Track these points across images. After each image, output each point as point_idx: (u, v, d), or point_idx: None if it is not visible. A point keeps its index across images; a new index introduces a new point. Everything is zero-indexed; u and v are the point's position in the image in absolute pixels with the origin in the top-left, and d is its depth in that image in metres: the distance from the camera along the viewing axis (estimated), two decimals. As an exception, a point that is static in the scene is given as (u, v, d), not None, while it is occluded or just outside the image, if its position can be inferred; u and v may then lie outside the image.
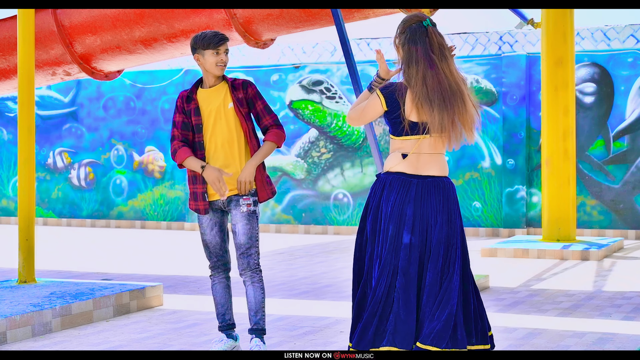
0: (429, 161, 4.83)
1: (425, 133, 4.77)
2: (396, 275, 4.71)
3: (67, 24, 9.58)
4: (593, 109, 13.92)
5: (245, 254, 5.82)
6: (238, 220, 5.82)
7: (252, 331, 5.86)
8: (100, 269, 10.65)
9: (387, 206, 4.78)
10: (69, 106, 17.23)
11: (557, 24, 11.97)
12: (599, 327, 6.89)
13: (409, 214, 4.74)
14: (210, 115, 5.86)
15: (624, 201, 13.73)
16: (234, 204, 5.84)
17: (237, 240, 5.83)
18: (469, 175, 14.47)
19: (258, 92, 5.96)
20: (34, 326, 6.67)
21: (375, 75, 4.98)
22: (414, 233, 4.72)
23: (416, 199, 4.77)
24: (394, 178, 4.81)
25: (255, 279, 5.84)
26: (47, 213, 17.35)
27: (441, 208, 4.79)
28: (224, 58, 5.88)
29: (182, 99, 5.96)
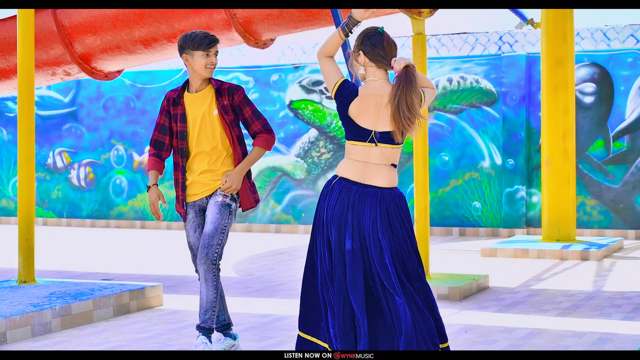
0: (376, 171, 4.85)
1: (375, 142, 4.83)
2: (345, 279, 4.74)
3: (67, 24, 9.58)
4: (593, 109, 13.92)
5: (206, 244, 5.69)
6: (210, 209, 5.75)
7: (200, 329, 5.77)
8: (100, 269, 10.65)
9: (326, 210, 4.85)
10: (69, 106, 17.23)
11: (557, 24, 11.97)
12: (598, 327, 6.90)
13: (348, 220, 4.78)
14: (195, 122, 5.78)
15: (624, 201, 13.73)
16: (211, 197, 5.82)
17: (205, 229, 5.75)
18: (468, 175, 14.47)
19: (246, 97, 5.86)
20: (34, 326, 6.67)
21: (348, 17, 4.96)
22: (354, 239, 4.75)
23: (353, 206, 4.80)
24: (337, 183, 4.88)
25: (208, 275, 5.69)
26: (47, 213, 17.35)
27: (379, 219, 4.79)
28: (214, 60, 5.80)
29: (169, 100, 5.88)
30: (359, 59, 4.95)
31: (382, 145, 4.83)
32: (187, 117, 5.80)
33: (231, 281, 9.61)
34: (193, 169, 5.85)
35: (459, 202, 14.45)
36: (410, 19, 8.99)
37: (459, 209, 14.42)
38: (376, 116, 4.81)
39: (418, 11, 8.73)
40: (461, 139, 14.50)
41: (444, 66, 14.58)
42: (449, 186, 14.51)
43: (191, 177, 5.87)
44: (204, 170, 5.80)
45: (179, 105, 5.82)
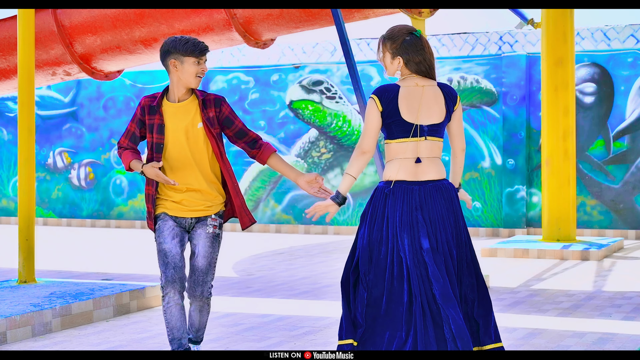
0: (426, 165, 4.79)
1: (423, 135, 4.76)
2: (427, 282, 4.66)
3: (67, 24, 9.58)
4: (593, 109, 13.92)
5: (201, 281, 5.31)
6: (200, 240, 5.30)
7: (190, 341, 5.53)
8: (101, 269, 10.65)
9: (394, 215, 4.72)
10: (69, 106, 17.23)
11: (557, 24, 11.97)
12: (599, 327, 6.89)
13: (420, 220, 4.71)
14: (175, 135, 5.25)
15: (624, 201, 13.73)
16: (200, 223, 5.32)
17: (195, 263, 5.30)
18: (469, 175, 14.47)
19: (232, 109, 5.38)
20: (34, 326, 6.67)
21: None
22: (430, 238, 4.70)
23: (422, 204, 4.74)
24: (396, 187, 4.76)
25: (204, 308, 5.41)
26: (47, 213, 17.35)
27: (445, 211, 4.77)
28: (205, 68, 5.27)
29: (144, 108, 5.33)
30: (395, 62, 4.83)
31: (430, 138, 4.78)
32: (165, 129, 5.26)
33: (231, 281, 9.61)
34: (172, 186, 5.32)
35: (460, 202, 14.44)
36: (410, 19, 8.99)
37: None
38: (419, 105, 4.76)
39: (418, 11, 8.73)
40: (461, 139, 14.48)
41: (445, 66, 14.58)
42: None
43: (175, 194, 5.33)
44: (189, 189, 5.30)
45: (157, 114, 5.27)
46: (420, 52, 4.79)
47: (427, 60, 4.81)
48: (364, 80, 14.80)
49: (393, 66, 4.84)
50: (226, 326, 7.06)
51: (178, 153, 5.27)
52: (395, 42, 4.81)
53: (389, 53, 4.84)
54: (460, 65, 14.55)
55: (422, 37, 4.83)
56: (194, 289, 5.32)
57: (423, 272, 4.64)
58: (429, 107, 4.75)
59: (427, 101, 4.75)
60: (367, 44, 15.13)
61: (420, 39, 4.81)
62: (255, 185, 15.72)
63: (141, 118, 5.33)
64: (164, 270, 5.27)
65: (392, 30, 4.86)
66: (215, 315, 7.49)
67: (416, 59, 4.79)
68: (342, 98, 15.21)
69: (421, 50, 4.79)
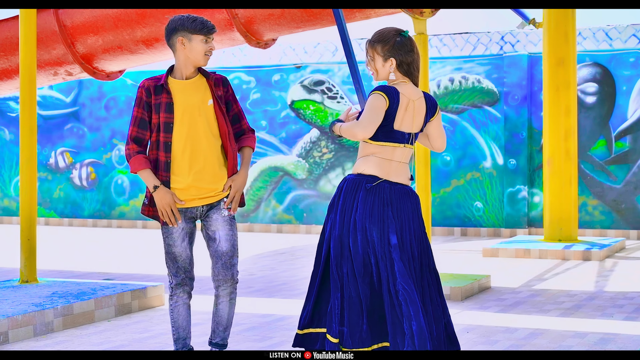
0: (399, 169, 4.85)
1: (404, 143, 4.82)
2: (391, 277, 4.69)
3: (68, 24, 9.59)
4: (595, 109, 13.91)
5: (228, 264, 5.23)
6: (220, 225, 5.21)
7: (217, 345, 5.41)
8: (102, 269, 10.66)
9: (364, 207, 4.76)
10: (71, 106, 17.24)
11: (558, 24, 11.96)
12: (600, 327, 6.89)
13: (390, 215, 4.75)
14: (185, 113, 5.12)
15: (626, 201, 13.72)
16: (214, 209, 5.22)
17: (219, 248, 5.22)
18: (470, 175, 14.46)
19: (234, 94, 5.33)
20: (36, 326, 6.67)
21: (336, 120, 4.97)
22: (397, 235, 4.73)
23: (392, 201, 4.78)
24: (368, 180, 4.80)
25: (233, 294, 5.32)
26: (49, 213, 17.35)
27: (411, 215, 4.81)
28: (213, 47, 5.17)
29: (148, 89, 5.14)
30: (387, 65, 4.85)
31: (408, 146, 4.87)
32: (174, 106, 5.11)
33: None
34: (183, 168, 5.13)
35: (461, 202, 14.45)
36: (411, 19, 9.00)
37: (460, 209, 14.42)
38: (412, 119, 4.81)
39: (420, 11, 8.73)
40: (463, 139, 14.50)
41: (446, 66, 14.58)
42: (451, 186, 14.51)
43: (183, 180, 5.15)
44: (199, 170, 5.14)
45: (163, 92, 5.12)
46: (410, 53, 4.82)
47: (417, 62, 4.84)
48: (365, 80, 14.80)
49: (385, 69, 4.85)
50: (228, 326, 7.06)
51: (187, 131, 5.12)
52: (387, 44, 4.82)
53: (379, 56, 4.85)
54: (462, 65, 14.55)
55: (411, 38, 4.86)
56: (223, 273, 5.24)
57: (389, 267, 4.68)
58: (415, 119, 4.82)
59: (416, 113, 4.82)
60: (368, 44, 15.11)
61: (410, 40, 4.83)
62: (257, 185, 15.72)
63: (146, 100, 5.15)
64: (175, 273, 5.26)
65: (381, 32, 4.86)
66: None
67: (408, 60, 4.82)
68: (344, 98, 15.21)
69: (411, 51, 4.83)
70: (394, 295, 4.65)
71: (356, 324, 4.71)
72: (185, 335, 5.35)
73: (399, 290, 4.64)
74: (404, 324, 4.63)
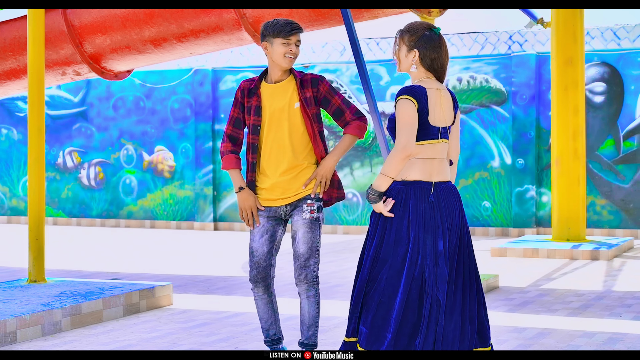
0: (441, 166, 4.78)
1: (441, 137, 4.75)
2: (435, 285, 4.65)
3: (77, 24, 9.60)
4: (603, 109, 13.89)
5: (303, 265, 5.39)
6: (299, 226, 5.37)
7: (303, 345, 5.53)
8: (110, 269, 10.67)
9: (417, 216, 4.66)
10: (79, 106, 17.27)
11: (567, 24, 11.95)
12: (609, 327, 6.88)
13: (438, 220, 4.69)
14: (273, 115, 5.34)
15: (634, 201, 13.69)
16: (297, 209, 5.40)
17: (296, 249, 5.40)
18: (478, 175, 14.45)
19: (332, 87, 5.43)
20: (44, 325, 6.68)
21: None
22: (444, 239, 4.68)
23: (439, 205, 4.72)
24: (416, 188, 4.70)
25: (310, 292, 5.44)
26: (57, 213, 17.39)
27: (457, 213, 4.76)
28: (294, 49, 5.30)
29: (243, 91, 5.43)
30: (410, 56, 4.79)
31: (444, 140, 4.78)
32: (262, 110, 5.36)
33: (240, 281, 9.62)
34: (269, 168, 5.39)
35: (469, 201, 14.43)
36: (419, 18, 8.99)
37: (468, 208, 14.40)
38: (443, 111, 4.77)
39: (428, 11, 8.72)
40: (471, 139, 14.49)
41: (454, 65, 14.56)
42: (459, 186, 14.49)
43: (268, 179, 5.40)
44: (285, 171, 5.37)
45: (255, 96, 5.38)
46: (436, 49, 4.77)
47: (441, 59, 4.79)
48: (373, 80, 14.79)
49: (408, 60, 4.81)
50: (235, 325, 7.07)
51: (275, 134, 5.34)
52: (414, 35, 4.79)
53: (405, 46, 4.81)
54: (470, 64, 14.53)
55: (441, 36, 4.81)
56: (298, 272, 5.41)
57: (434, 274, 4.63)
58: (446, 111, 4.77)
59: (444, 104, 4.77)
60: (376, 44, 15.12)
61: (439, 37, 4.79)
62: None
63: (242, 101, 5.43)
64: (250, 269, 5.48)
65: (412, 24, 4.85)
66: (224, 315, 7.50)
67: (432, 55, 4.76)
68: (352, 98, 15.21)
69: (438, 47, 4.77)
70: (436, 303, 4.62)
71: (379, 328, 4.67)
72: (268, 327, 5.59)
73: (440, 299, 4.61)
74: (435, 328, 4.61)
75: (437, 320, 4.62)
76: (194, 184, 16.19)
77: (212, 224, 15.99)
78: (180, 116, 16.40)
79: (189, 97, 16.31)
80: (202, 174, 16.07)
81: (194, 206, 16.19)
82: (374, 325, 4.67)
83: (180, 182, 16.39)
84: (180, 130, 16.42)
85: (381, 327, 4.66)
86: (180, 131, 16.42)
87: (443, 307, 4.61)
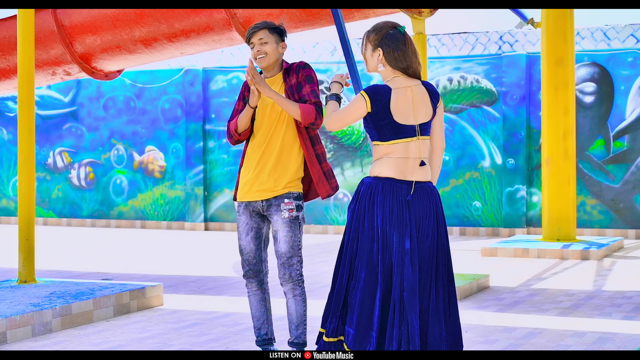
0: (416, 166, 4.75)
1: (419, 135, 4.75)
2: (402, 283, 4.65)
3: (67, 24, 9.58)
4: (593, 109, 13.92)
5: (286, 264, 5.44)
6: (279, 226, 5.43)
7: (293, 345, 5.57)
8: (101, 269, 10.65)
9: (383, 211, 4.70)
10: (69, 106, 17.23)
11: (557, 24, 11.97)
12: (599, 326, 6.89)
13: (406, 218, 4.69)
14: (261, 108, 5.47)
15: (624, 201, 13.73)
16: (274, 209, 5.46)
17: (278, 249, 5.46)
18: (469, 175, 14.47)
19: (309, 76, 5.56)
20: (34, 326, 6.67)
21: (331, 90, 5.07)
22: (412, 238, 4.68)
23: (409, 203, 4.71)
24: (385, 183, 4.72)
25: (296, 291, 5.49)
26: (47, 213, 17.35)
27: (429, 213, 4.75)
28: (260, 48, 5.48)
29: (245, 86, 5.59)
30: (375, 55, 4.82)
31: (421, 137, 4.78)
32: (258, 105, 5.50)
33: (231, 281, 9.61)
34: (251, 161, 5.51)
35: (459, 201, 14.45)
36: (410, 18, 9.00)
37: (459, 208, 14.42)
38: (414, 108, 4.75)
39: (418, 11, 8.73)
40: (461, 139, 14.50)
41: (445, 66, 14.58)
42: (449, 186, 14.51)
43: (248, 173, 5.51)
44: (265, 164, 5.45)
45: (250, 90, 5.53)
46: (401, 47, 4.76)
47: (407, 57, 4.78)
48: (363, 80, 14.80)
49: (373, 59, 4.83)
50: (226, 326, 7.06)
51: (262, 128, 5.48)
52: (378, 34, 4.81)
53: (370, 45, 4.85)
54: (460, 64, 14.55)
55: (406, 34, 4.80)
56: (282, 272, 5.48)
57: (401, 272, 4.63)
58: (419, 107, 4.76)
59: (417, 101, 4.76)
60: (367, 44, 15.11)
61: (404, 35, 4.79)
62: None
63: (244, 92, 5.60)
64: (242, 266, 5.60)
65: (378, 24, 4.89)
66: (215, 315, 7.49)
67: (395, 54, 4.76)
68: (342, 98, 15.19)
69: (402, 45, 4.76)
70: (399, 300, 4.62)
71: (365, 327, 4.67)
72: (260, 325, 5.66)
73: (404, 297, 4.60)
74: (402, 327, 4.61)
75: (401, 320, 4.60)
76: (184, 184, 16.18)
77: (202, 224, 15.98)
78: (171, 116, 16.38)
79: (180, 97, 16.29)
80: (192, 174, 16.05)
81: (185, 206, 16.18)
82: (360, 325, 4.67)
83: (170, 182, 16.37)
84: (170, 130, 16.40)
85: (367, 326, 4.67)
86: (170, 131, 16.40)
87: (412, 307, 4.59)
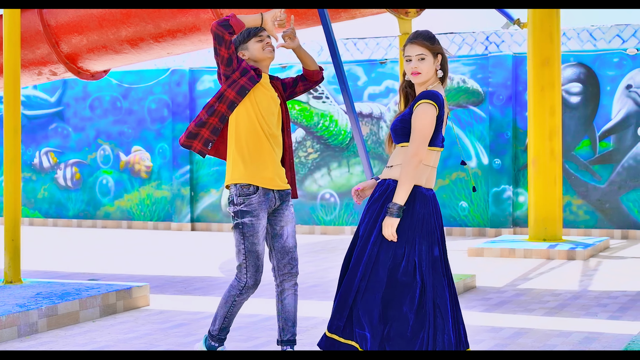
0: (432, 174, 4.73)
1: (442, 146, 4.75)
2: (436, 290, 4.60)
3: (53, 24, 9.55)
4: (579, 109, 13.96)
5: (296, 258, 5.46)
6: (289, 220, 5.43)
7: (289, 342, 5.51)
8: (87, 269, 10.63)
9: (414, 218, 4.60)
10: (55, 106, 17.18)
11: (543, 24, 12.00)
12: (585, 326, 6.92)
13: (432, 226, 4.65)
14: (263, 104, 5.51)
15: (610, 201, 13.77)
16: (286, 202, 5.45)
17: (286, 243, 5.42)
18: (455, 175, 14.49)
19: None
20: (20, 327, 6.65)
21: None
22: (439, 245, 4.65)
23: (435, 211, 4.68)
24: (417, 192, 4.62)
25: (296, 286, 5.50)
26: (33, 213, 17.30)
27: (442, 218, 4.77)
28: (269, 40, 5.58)
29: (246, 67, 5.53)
30: (436, 62, 4.67)
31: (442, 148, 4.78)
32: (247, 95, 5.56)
33: (219, 281, 9.60)
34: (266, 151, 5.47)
35: (446, 201, 14.47)
36: (397, 19, 9.00)
37: (445, 208, 14.44)
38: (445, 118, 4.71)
39: (405, 11, 8.74)
40: (448, 139, 14.51)
41: (431, 66, 14.57)
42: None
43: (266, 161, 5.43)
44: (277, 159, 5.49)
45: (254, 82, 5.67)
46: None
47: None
48: (350, 80, 14.80)
49: (433, 68, 4.67)
50: (213, 326, 7.05)
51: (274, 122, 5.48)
52: (435, 40, 4.67)
53: (430, 53, 4.66)
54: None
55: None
56: (290, 266, 5.44)
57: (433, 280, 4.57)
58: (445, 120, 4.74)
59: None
60: (353, 44, 15.13)
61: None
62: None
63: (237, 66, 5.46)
64: (254, 273, 5.38)
65: (426, 30, 4.69)
66: (202, 316, 7.48)
67: (446, 59, 4.76)
68: (329, 98, 15.22)
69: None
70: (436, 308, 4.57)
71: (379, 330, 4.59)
72: (228, 325, 5.57)
73: (439, 305, 4.55)
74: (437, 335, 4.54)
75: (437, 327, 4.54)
76: (171, 184, 16.15)
77: (189, 225, 15.96)
78: (158, 116, 16.36)
79: (166, 97, 16.27)
80: (179, 174, 16.03)
81: (171, 206, 16.15)
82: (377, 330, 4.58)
83: (157, 182, 16.35)
84: (157, 130, 16.37)
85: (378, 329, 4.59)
86: (157, 131, 16.37)
87: (446, 314, 4.56)
